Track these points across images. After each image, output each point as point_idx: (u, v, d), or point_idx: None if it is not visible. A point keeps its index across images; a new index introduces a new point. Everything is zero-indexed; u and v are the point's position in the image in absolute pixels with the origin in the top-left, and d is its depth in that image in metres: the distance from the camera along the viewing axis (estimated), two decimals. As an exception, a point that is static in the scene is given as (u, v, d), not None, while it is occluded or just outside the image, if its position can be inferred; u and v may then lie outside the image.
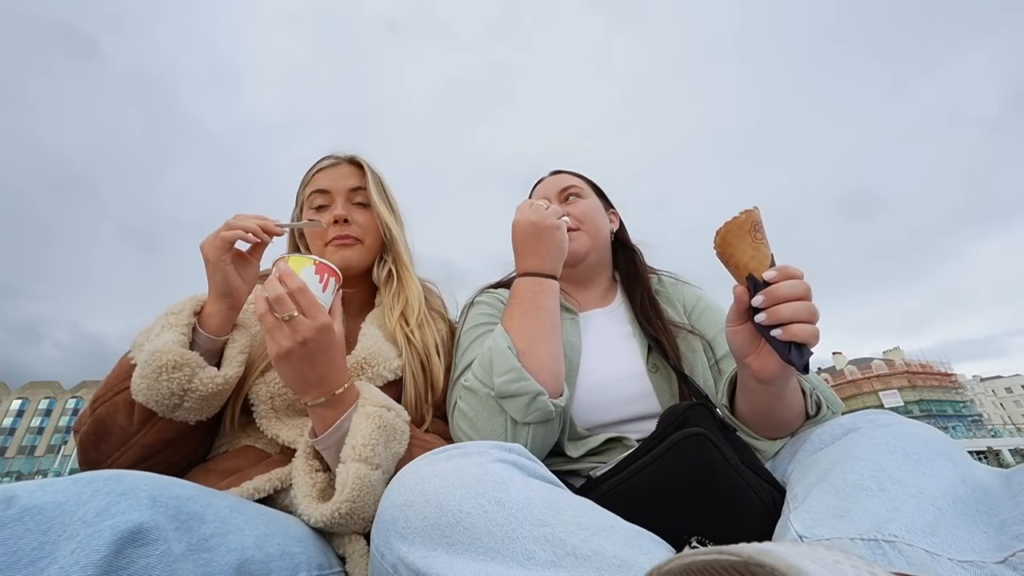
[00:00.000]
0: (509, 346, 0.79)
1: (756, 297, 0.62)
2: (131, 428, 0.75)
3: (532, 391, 0.75)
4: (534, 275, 0.87)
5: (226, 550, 0.50)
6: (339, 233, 0.97)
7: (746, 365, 0.68)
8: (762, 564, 0.24)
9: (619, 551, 0.43)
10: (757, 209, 0.65)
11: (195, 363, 0.74)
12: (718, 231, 0.65)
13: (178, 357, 0.72)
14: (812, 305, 0.61)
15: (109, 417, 0.75)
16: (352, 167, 1.05)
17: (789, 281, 0.61)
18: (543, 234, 0.88)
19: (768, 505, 0.60)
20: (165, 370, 0.71)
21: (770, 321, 0.60)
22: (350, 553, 0.68)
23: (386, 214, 1.02)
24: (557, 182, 1.16)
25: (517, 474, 0.51)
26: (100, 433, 0.76)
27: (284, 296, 0.66)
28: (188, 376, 0.73)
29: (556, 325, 0.85)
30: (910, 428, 0.56)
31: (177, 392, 0.73)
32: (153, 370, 0.71)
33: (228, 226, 0.79)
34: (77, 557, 0.40)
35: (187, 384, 0.73)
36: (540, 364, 0.78)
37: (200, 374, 0.74)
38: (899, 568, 0.41)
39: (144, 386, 0.72)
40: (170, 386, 0.72)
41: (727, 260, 0.66)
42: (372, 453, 0.67)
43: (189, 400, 0.74)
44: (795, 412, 0.72)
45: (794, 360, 0.60)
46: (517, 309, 0.85)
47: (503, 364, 0.77)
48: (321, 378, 0.69)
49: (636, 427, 0.91)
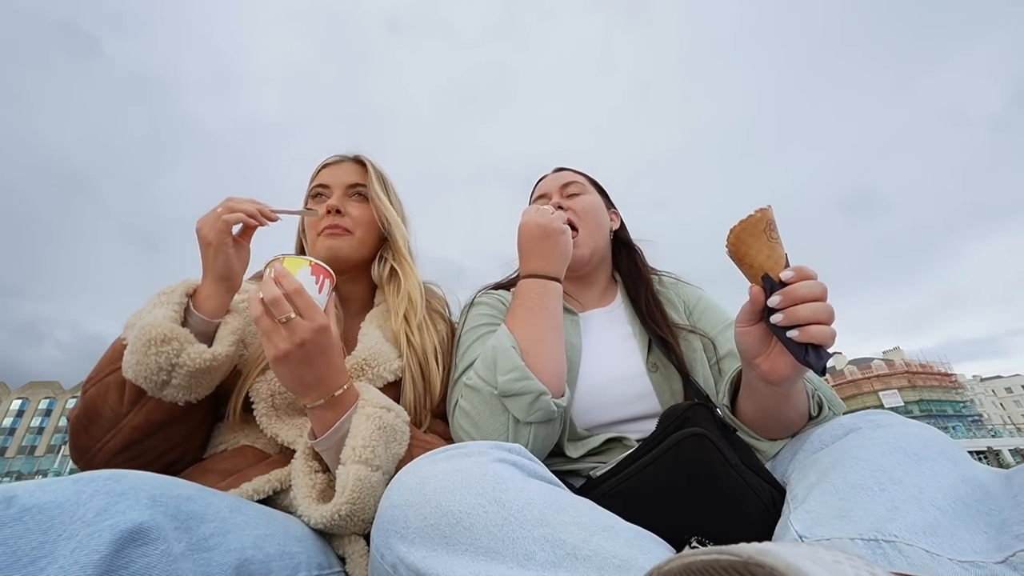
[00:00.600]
0: (513, 345, 0.79)
1: (773, 297, 0.60)
2: (121, 409, 0.74)
3: (535, 390, 0.75)
4: (539, 277, 0.88)
5: (226, 550, 0.50)
6: (330, 223, 0.98)
7: (756, 366, 0.66)
8: (762, 564, 0.24)
9: (619, 551, 0.43)
10: (771, 208, 0.63)
11: (184, 338, 0.73)
12: (732, 229, 0.63)
13: (167, 331, 0.71)
14: (829, 306, 0.59)
15: (100, 398, 0.75)
16: (355, 165, 1.06)
17: (807, 281, 0.60)
18: (549, 236, 0.89)
19: (768, 505, 0.60)
20: (154, 343, 0.71)
21: (788, 322, 0.59)
22: (350, 554, 0.68)
23: (385, 208, 1.02)
24: (559, 178, 1.16)
25: (517, 474, 0.51)
26: (91, 415, 0.75)
27: (281, 298, 0.66)
28: (176, 350, 0.72)
29: (559, 327, 0.85)
30: (910, 428, 0.56)
31: (165, 367, 0.72)
32: (143, 344, 0.71)
33: (229, 208, 0.79)
34: (77, 557, 0.40)
35: (175, 359, 0.72)
36: (543, 364, 0.79)
37: (189, 349, 0.73)
38: (899, 568, 0.41)
39: (133, 361, 0.72)
40: (158, 360, 0.71)
41: (741, 260, 0.64)
42: (372, 455, 0.67)
43: (177, 376, 0.73)
44: (799, 413, 0.72)
45: (812, 362, 0.59)
46: (522, 310, 0.85)
47: (507, 363, 0.77)
48: (319, 379, 0.69)
49: (636, 427, 0.91)
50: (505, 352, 0.79)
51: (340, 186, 1.02)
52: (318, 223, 0.99)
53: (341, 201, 1.00)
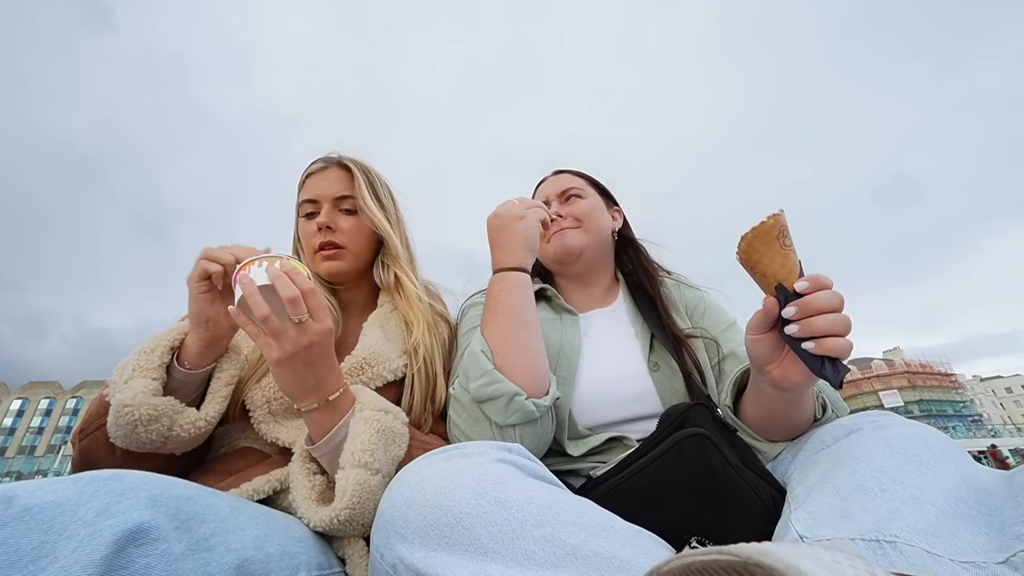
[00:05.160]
0: (483, 349, 0.78)
1: (788, 308, 0.58)
2: (115, 463, 0.72)
3: (507, 392, 0.73)
4: (501, 270, 0.85)
5: (226, 550, 0.50)
6: (323, 240, 0.96)
7: (767, 372, 0.65)
8: (761, 564, 0.24)
9: (619, 551, 0.43)
10: (783, 212, 0.60)
11: (171, 410, 0.70)
12: (743, 237, 0.60)
13: (151, 410, 0.68)
14: (846, 317, 0.57)
15: (93, 451, 0.74)
16: (341, 171, 1.02)
17: (822, 292, 0.58)
18: (506, 225, 0.86)
19: (768, 505, 0.60)
20: (140, 423, 0.68)
21: (803, 334, 0.57)
22: (350, 555, 0.68)
23: (378, 217, 0.98)
24: (558, 183, 1.15)
25: (517, 474, 0.51)
26: (87, 465, 0.74)
27: (300, 297, 0.64)
28: (167, 425, 0.71)
29: (527, 321, 0.81)
30: (911, 429, 0.56)
31: (158, 440, 0.71)
32: (127, 424, 0.68)
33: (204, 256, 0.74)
34: (77, 556, 0.40)
35: (167, 433, 0.71)
36: (514, 364, 0.76)
37: (179, 420, 0.71)
38: (900, 568, 0.41)
39: (121, 435, 0.70)
40: (149, 436, 0.70)
41: (753, 268, 0.62)
42: (372, 458, 0.67)
43: (172, 443, 0.73)
44: (806, 417, 0.71)
45: (828, 375, 0.57)
46: (487, 310, 0.83)
47: (476, 369, 0.76)
48: (319, 383, 0.69)
49: (637, 427, 0.91)
50: (473, 357, 0.78)
51: (328, 200, 0.98)
52: (312, 238, 0.97)
53: (330, 216, 0.97)
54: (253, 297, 0.63)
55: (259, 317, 0.63)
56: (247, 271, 0.67)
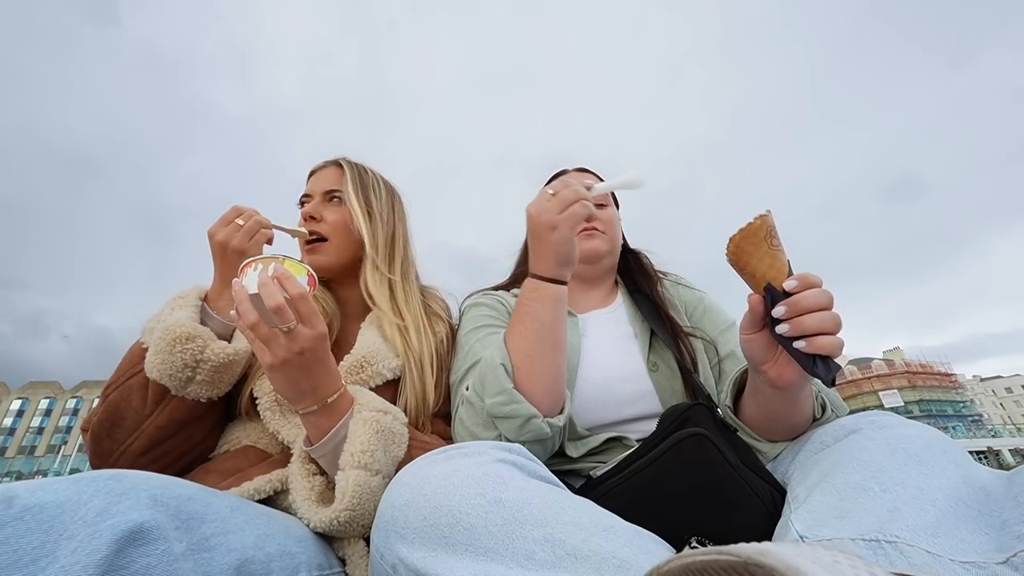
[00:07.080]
0: (503, 362, 0.74)
1: (777, 308, 0.59)
2: (145, 409, 0.77)
3: (524, 414, 0.71)
4: (535, 277, 0.78)
5: (226, 550, 0.50)
6: (308, 230, 1.00)
7: (763, 372, 0.65)
8: (761, 564, 0.24)
9: (619, 551, 0.43)
10: (770, 213, 0.61)
11: (207, 335, 0.78)
12: (731, 238, 0.61)
13: (191, 329, 0.76)
14: (836, 315, 0.58)
15: (123, 400, 0.77)
16: (335, 169, 1.07)
17: (812, 290, 0.58)
18: (538, 233, 0.76)
19: (768, 505, 0.60)
20: (179, 341, 0.75)
21: (793, 333, 0.58)
22: (350, 555, 0.68)
23: (356, 212, 0.99)
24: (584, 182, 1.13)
25: (517, 474, 0.51)
26: (114, 419, 0.77)
27: (284, 306, 0.62)
28: (200, 347, 0.76)
29: (557, 341, 0.76)
30: (912, 429, 0.56)
31: (190, 363, 0.76)
32: (167, 343, 0.75)
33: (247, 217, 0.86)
34: (78, 556, 0.40)
35: (199, 355, 0.76)
36: (536, 386, 0.73)
37: (212, 345, 0.78)
38: (900, 568, 0.41)
39: (158, 361, 0.75)
40: (183, 357, 0.75)
41: (742, 269, 0.62)
42: (371, 459, 0.67)
43: (201, 372, 0.77)
44: (805, 416, 0.71)
45: (820, 373, 0.57)
46: (515, 315, 0.79)
47: (494, 384, 0.74)
48: (314, 387, 0.68)
49: (636, 427, 0.91)
50: (493, 371, 0.74)
51: (319, 193, 1.03)
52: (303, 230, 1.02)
53: (317, 208, 1.01)
54: (243, 305, 0.64)
55: (248, 325, 0.64)
56: (243, 276, 0.66)
